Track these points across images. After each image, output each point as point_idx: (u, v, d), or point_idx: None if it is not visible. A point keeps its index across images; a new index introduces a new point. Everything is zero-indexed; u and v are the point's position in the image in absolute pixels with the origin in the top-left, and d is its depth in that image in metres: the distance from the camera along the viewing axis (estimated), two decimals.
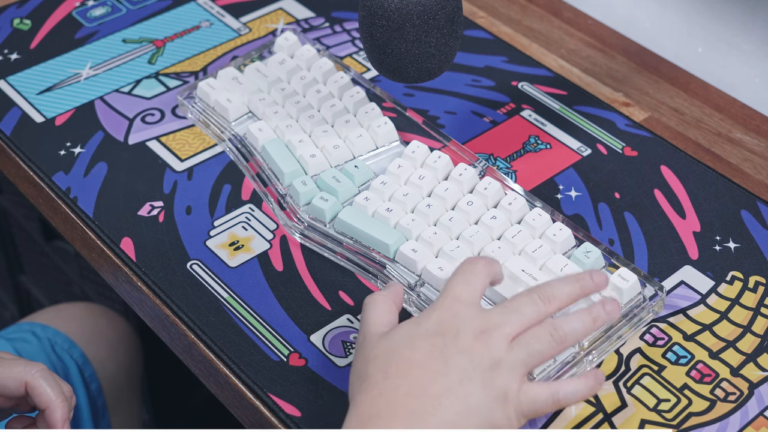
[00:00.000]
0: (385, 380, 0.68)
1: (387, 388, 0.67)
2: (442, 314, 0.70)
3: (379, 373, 0.68)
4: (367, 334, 0.72)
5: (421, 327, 0.70)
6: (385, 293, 0.74)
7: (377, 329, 0.72)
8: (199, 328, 0.82)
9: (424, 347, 0.69)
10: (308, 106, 0.96)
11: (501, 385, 0.68)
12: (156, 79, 1.04)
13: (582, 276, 0.73)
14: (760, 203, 0.91)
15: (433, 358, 0.68)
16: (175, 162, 0.95)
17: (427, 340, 0.69)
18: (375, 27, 0.82)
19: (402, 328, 0.71)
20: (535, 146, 0.96)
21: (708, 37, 1.08)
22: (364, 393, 0.68)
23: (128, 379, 1.15)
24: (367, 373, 0.69)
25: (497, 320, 0.70)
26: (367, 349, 0.71)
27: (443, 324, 0.69)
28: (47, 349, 1.06)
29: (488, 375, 0.68)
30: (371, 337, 0.71)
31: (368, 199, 0.87)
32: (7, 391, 0.82)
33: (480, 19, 1.11)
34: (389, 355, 0.69)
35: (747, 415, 0.76)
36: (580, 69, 1.05)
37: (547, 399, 0.70)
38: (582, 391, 0.71)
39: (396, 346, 0.69)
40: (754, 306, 0.83)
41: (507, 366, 0.69)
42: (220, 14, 1.11)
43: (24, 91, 1.02)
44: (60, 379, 0.83)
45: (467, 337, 0.69)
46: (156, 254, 0.87)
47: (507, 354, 0.69)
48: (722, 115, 1.01)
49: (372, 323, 0.72)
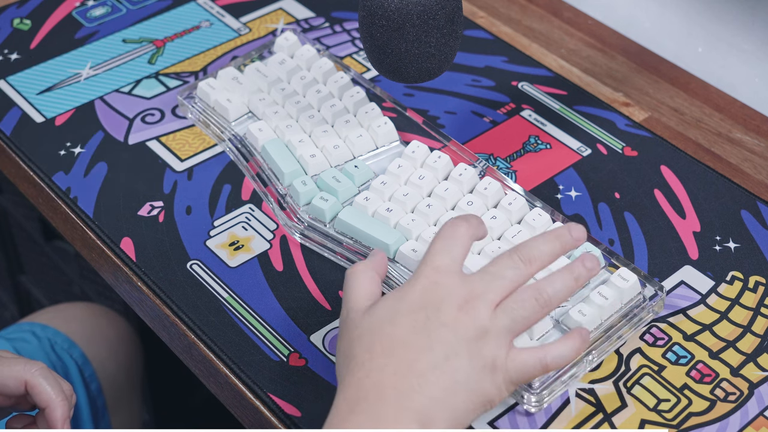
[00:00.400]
0: (371, 360, 0.67)
1: (373, 369, 0.67)
2: (423, 285, 0.69)
3: (364, 353, 0.68)
4: (350, 311, 0.71)
5: (403, 301, 0.69)
6: (366, 263, 0.73)
7: (360, 304, 0.71)
8: (199, 328, 0.82)
9: (407, 323, 0.68)
10: (308, 106, 0.96)
11: (488, 355, 0.68)
12: (156, 79, 1.04)
13: (560, 232, 0.72)
14: (760, 203, 0.91)
15: (417, 333, 0.68)
16: (175, 162, 0.95)
17: (410, 315, 0.68)
18: (375, 27, 0.82)
19: (384, 303, 0.70)
20: (535, 146, 0.96)
21: (708, 37, 1.08)
22: (351, 374, 0.68)
23: (128, 379, 1.15)
24: (352, 354, 0.68)
25: (479, 288, 0.69)
26: (351, 328, 0.70)
27: (425, 296, 0.69)
28: (47, 349, 1.06)
29: (474, 346, 0.67)
30: (354, 314, 0.70)
31: (368, 199, 0.87)
32: (6, 390, 0.82)
33: (480, 19, 1.11)
34: (373, 333, 0.68)
35: (747, 415, 0.76)
36: (580, 69, 1.05)
37: (535, 364, 0.69)
38: (569, 352, 0.70)
39: (379, 323, 0.69)
40: (754, 306, 0.83)
41: (493, 334, 0.68)
42: (220, 14, 1.11)
43: (24, 91, 1.02)
44: (60, 377, 0.83)
45: (450, 310, 0.68)
46: (156, 254, 0.87)
47: (492, 322, 0.68)
48: (722, 115, 1.01)
49: (354, 298, 0.71)
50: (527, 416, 0.76)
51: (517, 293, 0.70)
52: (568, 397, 0.77)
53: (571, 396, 0.77)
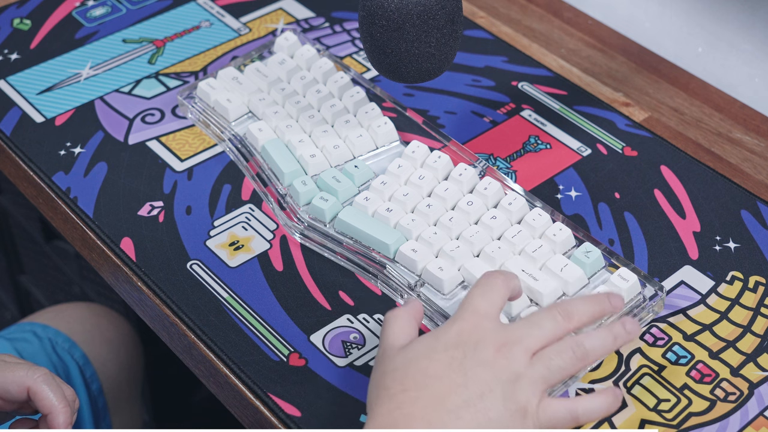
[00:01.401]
0: (403, 393, 0.67)
1: (404, 401, 0.67)
2: (461, 326, 0.69)
3: (397, 385, 0.68)
4: (386, 348, 0.71)
5: (440, 340, 0.69)
6: (405, 308, 0.73)
7: (396, 342, 0.71)
8: (199, 328, 0.82)
9: (443, 359, 0.68)
10: (308, 106, 0.96)
11: (521, 400, 0.67)
12: (156, 79, 1.04)
13: (600, 298, 0.73)
14: (760, 203, 0.91)
15: (452, 369, 0.67)
16: (175, 162, 0.95)
17: (446, 351, 0.68)
18: (375, 27, 0.82)
19: (421, 341, 0.70)
20: (535, 146, 0.96)
21: (708, 37, 1.08)
22: (381, 405, 0.67)
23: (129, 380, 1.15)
24: (384, 385, 0.68)
25: (518, 334, 0.69)
26: (386, 362, 0.70)
27: (463, 336, 0.69)
28: (48, 350, 1.05)
29: (509, 389, 0.67)
30: (390, 351, 0.70)
31: (368, 199, 0.87)
32: (8, 396, 0.82)
33: (480, 19, 1.11)
34: (407, 367, 0.68)
35: (747, 415, 0.76)
36: (580, 69, 1.05)
37: (565, 416, 0.69)
38: (601, 408, 0.70)
39: (414, 357, 0.69)
40: (754, 306, 0.83)
41: (528, 380, 0.68)
42: (220, 14, 1.11)
43: (24, 91, 1.02)
44: (63, 382, 0.83)
45: (488, 350, 0.68)
46: (156, 254, 0.87)
47: (528, 369, 0.68)
48: (722, 115, 1.01)
49: (391, 337, 0.71)
50: None
51: (556, 344, 0.70)
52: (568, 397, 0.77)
53: (571, 396, 0.77)
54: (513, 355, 0.68)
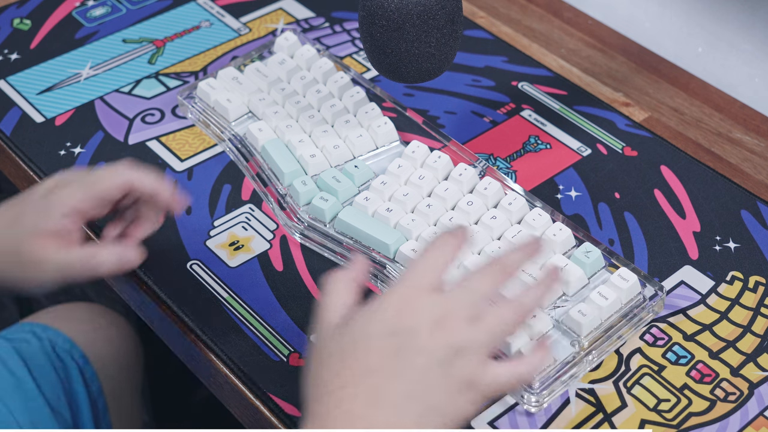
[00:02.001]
0: (342, 389, 0.65)
1: (343, 398, 0.65)
2: (397, 305, 0.67)
3: (334, 378, 0.66)
4: (323, 326, 0.69)
5: (375, 323, 0.67)
6: (346, 272, 0.70)
7: (333, 318, 0.68)
8: (199, 328, 0.82)
9: (378, 348, 0.66)
10: (308, 106, 0.96)
11: (465, 373, 0.66)
12: (156, 79, 1.04)
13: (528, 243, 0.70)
14: (760, 203, 0.91)
15: (389, 359, 0.65)
16: (175, 162, 0.95)
17: (383, 339, 0.66)
18: (375, 27, 0.82)
19: (357, 321, 0.67)
20: (535, 146, 0.96)
21: (708, 37, 1.08)
22: (320, 403, 0.65)
23: (129, 380, 1.15)
24: (321, 378, 0.66)
25: (454, 304, 0.67)
26: (322, 346, 0.68)
27: (399, 318, 0.66)
28: (48, 350, 1.05)
29: (449, 368, 0.66)
30: (327, 330, 0.68)
31: (368, 199, 0.87)
32: (108, 200, 0.81)
33: (480, 19, 1.11)
34: (343, 356, 0.66)
35: (747, 415, 0.76)
36: (580, 69, 1.05)
37: (510, 379, 0.68)
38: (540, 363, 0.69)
39: (350, 346, 0.66)
40: (754, 306, 0.83)
41: (470, 351, 0.66)
42: (220, 14, 1.11)
43: (24, 91, 1.02)
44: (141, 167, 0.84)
45: (423, 332, 0.66)
46: (156, 254, 0.87)
47: (469, 338, 0.66)
48: (722, 115, 1.01)
49: (329, 311, 0.69)
50: (527, 416, 0.76)
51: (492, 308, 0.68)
52: (568, 397, 0.77)
53: (571, 396, 0.77)
54: (451, 328, 0.66)
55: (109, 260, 0.81)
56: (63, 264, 0.80)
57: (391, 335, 0.66)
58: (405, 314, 0.67)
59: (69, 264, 0.80)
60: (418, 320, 0.66)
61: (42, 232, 0.79)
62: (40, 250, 0.79)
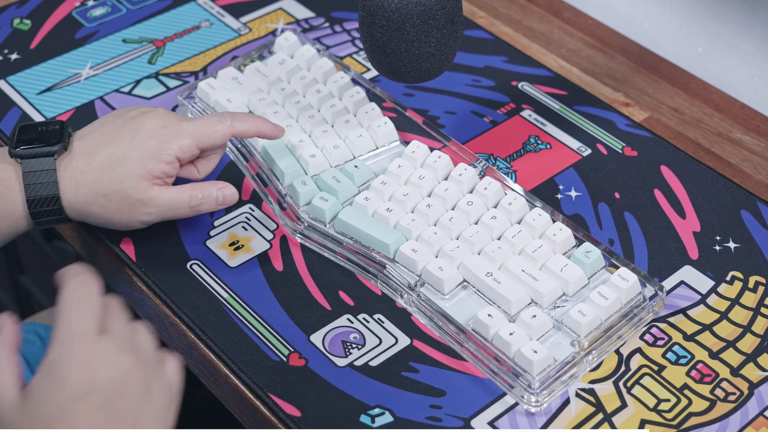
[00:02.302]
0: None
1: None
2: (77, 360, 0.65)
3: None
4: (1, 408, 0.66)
5: (62, 388, 0.64)
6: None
7: (9, 395, 0.66)
8: (199, 328, 0.82)
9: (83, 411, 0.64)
10: (308, 106, 0.96)
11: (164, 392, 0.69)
12: (156, 79, 1.04)
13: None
14: (760, 203, 0.91)
15: (97, 416, 0.64)
16: None
17: (82, 401, 0.64)
18: (375, 27, 0.82)
19: (41, 394, 0.65)
20: (535, 146, 0.96)
21: (708, 37, 1.08)
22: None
23: None
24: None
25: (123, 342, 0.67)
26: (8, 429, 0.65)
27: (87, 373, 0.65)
28: None
29: (150, 394, 0.67)
30: (9, 413, 0.65)
31: (368, 199, 0.87)
32: (215, 146, 0.87)
33: (480, 19, 1.11)
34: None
35: (747, 415, 0.76)
36: (580, 69, 1.05)
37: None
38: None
39: (47, 420, 0.64)
40: (754, 306, 0.83)
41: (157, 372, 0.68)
42: (220, 14, 1.11)
43: (24, 91, 1.02)
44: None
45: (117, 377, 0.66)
46: (156, 254, 0.87)
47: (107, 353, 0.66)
48: (722, 115, 1.01)
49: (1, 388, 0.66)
50: (527, 416, 0.76)
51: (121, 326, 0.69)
52: (568, 397, 0.77)
53: (571, 396, 0.77)
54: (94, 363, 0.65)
55: (210, 197, 0.85)
56: (170, 203, 0.84)
57: (88, 394, 0.65)
58: (89, 368, 0.65)
59: (175, 202, 0.84)
60: (105, 370, 0.65)
61: (149, 175, 0.83)
62: (149, 190, 0.83)
